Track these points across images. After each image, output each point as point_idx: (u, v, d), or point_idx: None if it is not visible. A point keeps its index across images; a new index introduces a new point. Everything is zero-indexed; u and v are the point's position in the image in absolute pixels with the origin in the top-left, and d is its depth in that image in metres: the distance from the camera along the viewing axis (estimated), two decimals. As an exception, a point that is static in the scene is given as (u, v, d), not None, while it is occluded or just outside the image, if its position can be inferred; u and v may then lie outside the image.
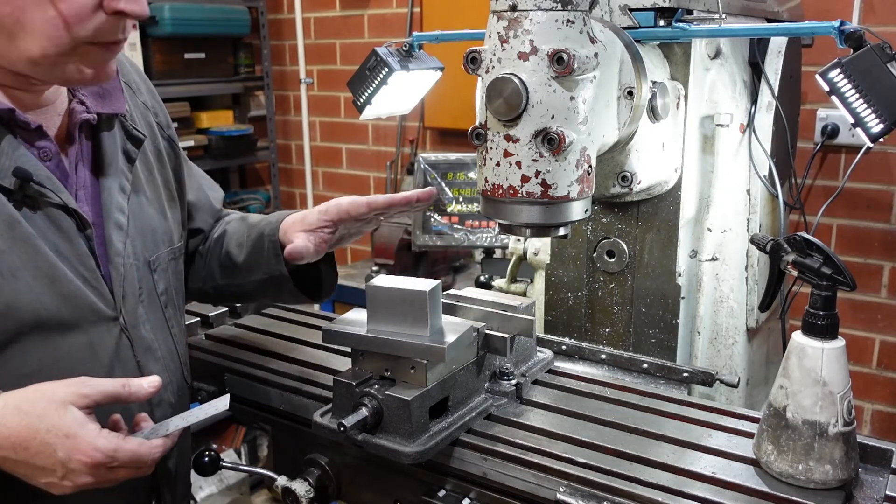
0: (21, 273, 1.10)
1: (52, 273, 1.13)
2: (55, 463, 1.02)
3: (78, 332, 1.17)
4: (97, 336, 1.19)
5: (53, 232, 1.15)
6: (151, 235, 1.32)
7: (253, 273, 1.45)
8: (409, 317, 1.23)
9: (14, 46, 1.07)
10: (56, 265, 1.14)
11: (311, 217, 1.36)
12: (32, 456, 1.02)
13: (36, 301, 1.11)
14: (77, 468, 1.02)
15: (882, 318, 2.70)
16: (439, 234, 3.05)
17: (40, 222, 1.13)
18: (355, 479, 1.41)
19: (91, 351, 1.18)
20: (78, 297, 1.16)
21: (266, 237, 1.41)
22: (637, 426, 1.26)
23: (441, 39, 1.74)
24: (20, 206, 1.11)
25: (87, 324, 1.18)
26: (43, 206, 1.14)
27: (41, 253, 1.12)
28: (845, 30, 1.26)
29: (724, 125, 1.60)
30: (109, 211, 1.24)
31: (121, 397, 1.09)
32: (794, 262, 1.14)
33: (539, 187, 1.19)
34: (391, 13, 3.77)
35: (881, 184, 2.62)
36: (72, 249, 1.17)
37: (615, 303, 1.65)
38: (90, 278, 1.18)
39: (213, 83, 3.93)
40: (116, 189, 1.26)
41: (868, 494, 1.10)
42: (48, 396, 1.04)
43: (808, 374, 1.08)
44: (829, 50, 1.43)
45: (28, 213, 1.12)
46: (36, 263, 1.11)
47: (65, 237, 1.16)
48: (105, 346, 1.20)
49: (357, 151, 4.10)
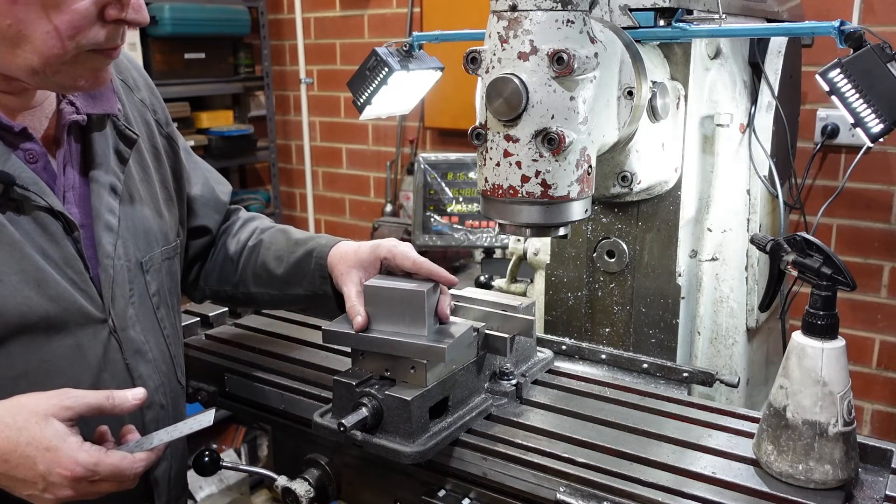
0: (7, 277, 1.09)
1: (38, 276, 1.12)
2: (36, 476, 1.02)
3: (65, 335, 1.16)
4: (85, 338, 1.19)
5: (40, 235, 1.14)
6: (144, 236, 1.31)
7: (293, 287, 1.48)
8: (406, 316, 1.23)
9: (15, 56, 1.08)
10: (43, 268, 1.13)
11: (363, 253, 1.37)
12: (12, 468, 1.02)
13: (23, 304, 1.11)
14: (58, 482, 1.02)
15: (882, 318, 2.70)
16: (439, 234, 3.05)
17: (26, 225, 1.13)
18: (355, 479, 1.41)
19: (79, 353, 1.18)
20: (65, 299, 1.16)
21: (314, 258, 1.43)
22: (637, 426, 1.26)
23: (441, 39, 1.74)
24: (4, 210, 1.11)
25: (74, 326, 1.17)
26: (28, 210, 1.14)
27: (27, 256, 1.12)
28: (845, 30, 1.26)
29: (724, 125, 1.60)
30: (99, 212, 1.23)
31: (105, 409, 1.08)
32: (794, 262, 1.14)
33: (539, 187, 1.19)
34: (391, 13, 3.76)
35: (881, 184, 2.62)
36: (59, 252, 1.16)
37: (615, 303, 1.65)
38: (78, 281, 1.18)
39: (213, 83, 3.92)
40: (107, 190, 1.25)
41: (868, 494, 1.10)
42: (30, 409, 1.03)
43: (808, 374, 1.08)
44: (829, 50, 1.43)
45: (13, 216, 1.12)
46: (22, 267, 1.11)
47: (52, 240, 1.16)
48: (93, 348, 1.20)
49: (357, 151, 4.10)
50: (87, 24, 1.07)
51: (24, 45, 1.06)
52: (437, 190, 3.04)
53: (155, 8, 3.51)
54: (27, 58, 1.07)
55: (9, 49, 1.07)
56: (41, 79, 1.11)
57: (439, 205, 3.04)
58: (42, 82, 1.12)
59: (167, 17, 3.53)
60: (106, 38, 1.10)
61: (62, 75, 1.11)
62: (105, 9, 1.08)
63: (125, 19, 1.10)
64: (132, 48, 3.50)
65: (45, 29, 1.05)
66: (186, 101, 3.78)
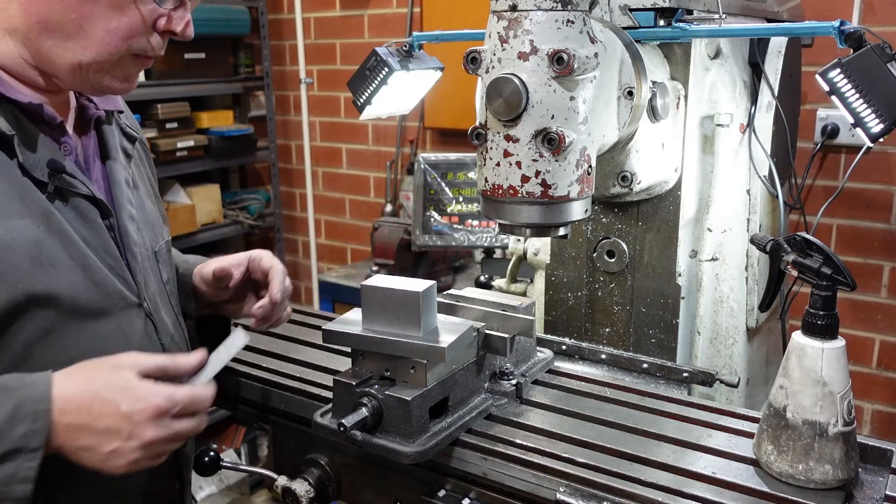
0: (59, 263, 1.13)
1: (84, 262, 1.17)
2: (119, 419, 1.04)
3: (110, 319, 1.21)
4: (127, 322, 1.24)
5: (81, 223, 1.19)
6: (152, 227, 1.37)
7: None
8: (402, 317, 1.23)
9: (66, 49, 1.13)
10: (87, 254, 1.18)
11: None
12: (96, 417, 1.03)
13: (73, 289, 1.15)
14: (141, 420, 1.04)
15: (882, 318, 2.70)
16: (439, 234, 3.05)
17: (69, 213, 1.18)
18: (355, 479, 1.41)
19: (123, 336, 1.23)
20: (107, 284, 1.21)
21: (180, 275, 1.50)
22: (637, 426, 1.26)
23: (441, 39, 1.74)
24: (52, 199, 1.16)
25: (117, 310, 1.22)
26: (70, 197, 1.18)
27: (74, 243, 1.16)
28: (845, 30, 1.26)
29: (724, 125, 1.60)
30: (121, 202, 1.29)
31: (169, 370, 1.13)
32: (794, 262, 1.14)
33: (539, 187, 1.19)
34: (391, 13, 3.76)
35: (881, 184, 2.62)
36: (98, 239, 1.21)
37: (615, 303, 1.65)
38: (115, 266, 1.23)
39: (213, 83, 3.92)
40: (124, 181, 1.31)
41: (868, 494, 1.10)
42: (103, 363, 1.09)
43: (808, 374, 1.08)
44: (829, 50, 1.43)
45: (59, 204, 1.17)
46: (70, 253, 1.15)
47: (91, 227, 1.21)
48: (135, 330, 1.25)
49: (357, 151, 4.10)
50: (142, 31, 1.15)
51: (81, 39, 1.12)
52: (437, 190, 3.04)
53: (155, 8, 3.52)
54: (77, 52, 1.13)
55: (61, 42, 1.12)
56: (80, 75, 1.16)
57: (439, 205, 3.04)
58: (78, 79, 1.17)
59: (167, 17, 3.53)
60: (153, 45, 1.18)
61: (102, 74, 1.17)
62: (159, 19, 1.16)
63: (175, 31, 1.19)
64: (132, 48, 3.50)
65: (105, 27, 1.12)
66: (186, 101, 3.77)
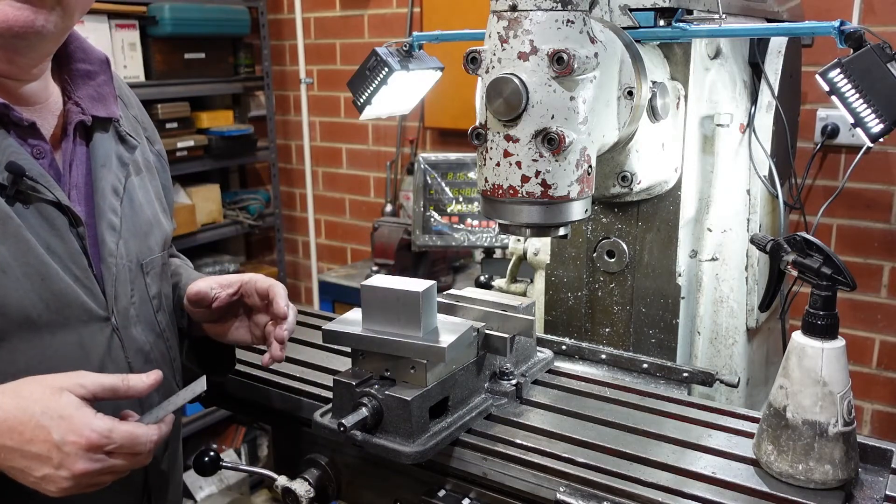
0: (10, 269, 1.08)
1: (42, 270, 1.12)
2: (50, 447, 1.00)
3: (68, 332, 1.15)
4: (88, 336, 1.18)
5: (45, 229, 1.14)
6: (144, 238, 1.32)
7: None
8: (402, 317, 1.23)
9: None
10: (47, 263, 1.12)
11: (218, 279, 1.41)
12: (27, 442, 1.00)
13: (25, 298, 1.10)
14: (71, 451, 1.01)
15: (882, 318, 2.70)
16: (439, 234, 3.05)
17: (32, 219, 1.12)
18: (355, 479, 1.41)
19: (82, 351, 1.17)
20: (69, 295, 1.15)
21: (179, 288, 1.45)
22: (637, 426, 1.26)
23: (441, 39, 1.74)
24: (12, 202, 1.10)
25: (78, 323, 1.17)
26: (35, 203, 1.13)
27: (32, 249, 1.11)
28: (845, 30, 1.26)
29: (724, 125, 1.60)
30: (102, 211, 1.23)
31: (119, 391, 1.09)
32: (794, 262, 1.14)
33: (539, 187, 1.19)
34: (391, 13, 3.77)
35: (881, 184, 2.62)
36: (64, 247, 1.16)
37: (615, 303, 1.65)
38: (82, 277, 1.17)
39: (213, 83, 3.92)
40: (109, 190, 1.25)
41: (868, 494, 1.10)
42: (45, 384, 1.04)
43: (808, 374, 1.08)
44: (829, 50, 1.43)
45: (20, 208, 1.11)
46: (26, 260, 1.10)
47: (57, 234, 1.15)
48: (96, 346, 1.19)
49: (357, 151, 4.10)
50: None
51: None
52: (437, 190, 3.04)
53: (155, 8, 3.51)
54: None
55: None
56: None
57: (439, 205, 3.04)
58: None
59: (167, 17, 3.53)
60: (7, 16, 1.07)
61: None
62: None
63: None
64: (132, 48, 3.50)
65: None
66: (186, 101, 3.77)
